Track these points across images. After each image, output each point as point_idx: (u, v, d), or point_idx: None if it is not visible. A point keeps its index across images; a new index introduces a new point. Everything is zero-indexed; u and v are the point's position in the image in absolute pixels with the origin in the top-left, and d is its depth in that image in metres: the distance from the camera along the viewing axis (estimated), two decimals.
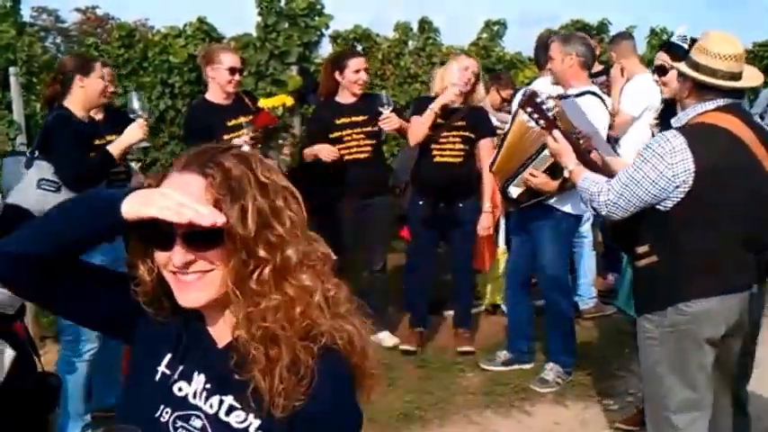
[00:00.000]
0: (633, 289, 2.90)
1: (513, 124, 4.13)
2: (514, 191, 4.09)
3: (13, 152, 3.83)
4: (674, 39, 3.19)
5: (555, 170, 3.82)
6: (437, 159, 4.64)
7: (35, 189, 3.33)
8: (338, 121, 4.73)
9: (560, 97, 3.87)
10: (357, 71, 4.73)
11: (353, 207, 4.82)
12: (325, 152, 4.68)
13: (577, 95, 4.00)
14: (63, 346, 3.65)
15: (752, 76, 2.73)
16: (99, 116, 4.34)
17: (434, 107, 4.54)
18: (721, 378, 2.78)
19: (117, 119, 4.19)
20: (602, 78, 5.97)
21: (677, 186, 2.56)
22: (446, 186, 4.68)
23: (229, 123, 4.46)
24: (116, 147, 3.59)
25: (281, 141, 4.51)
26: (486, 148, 4.66)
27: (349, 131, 4.72)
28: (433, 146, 4.63)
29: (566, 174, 3.10)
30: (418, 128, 4.60)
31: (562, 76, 4.21)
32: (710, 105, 2.67)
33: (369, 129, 4.74)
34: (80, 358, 3.62)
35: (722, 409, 2.80)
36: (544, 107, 3.16)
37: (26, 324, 4.90)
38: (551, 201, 4.13)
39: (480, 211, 4.72)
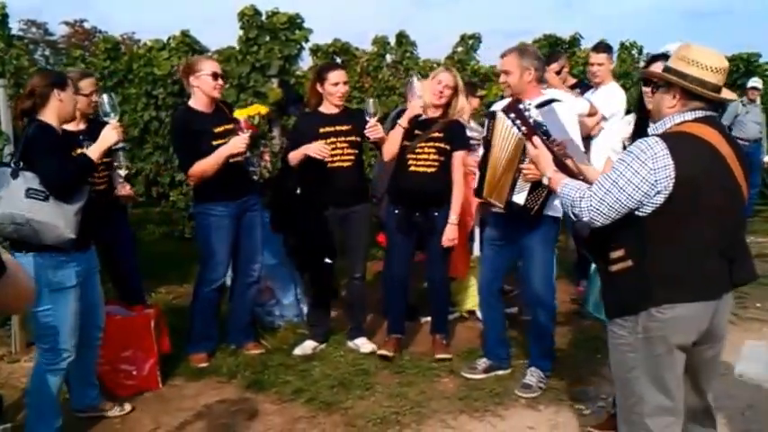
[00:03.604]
0: (604, 294, 2.90)
1: (494, 138, 4.11)
2: (520, 198, 4.05)
3: None
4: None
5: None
6: (412, 168, 4.75)
7: (24, 198, 3.40)
8: (322, 130, 4.80)
9: (540, 105, 3.93)
10: (336, 84, 4.82)
11: (336, 215, 4.90)
12: (314, 148, 4.65)
13: (543, 104, 4.02)
14: (39, 355, 3.66)
15: (727, 91, 2.76)
16: (81, 126, 4.45)
17: (402, 122, 4.72)
18: (690, 384, 2.82)
19: (99, 128, 4.29)
20: (578, 91, 6.12)
21: (658, 192, 2.55)
22: (420, 194, 4.77)
23: (216, 130, 4.60)
24: (94, 150, 3.66)
25: (261, 149, 4.61)
26: (458, 160, 4.77)
27: (333, 139, 4.78)
28: (409, 155, 4.75)
29: (544, 181, 3.13)
30: (389, 145, 4.75)
31: (521, 90, 4.20)
32: (689, 116, 2.68)
33: (352, 138, 4.83)
34: (56, 366, 3.63)
35: (690, 414, 2.83)
36: (526, 114, 3.21)
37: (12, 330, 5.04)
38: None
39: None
